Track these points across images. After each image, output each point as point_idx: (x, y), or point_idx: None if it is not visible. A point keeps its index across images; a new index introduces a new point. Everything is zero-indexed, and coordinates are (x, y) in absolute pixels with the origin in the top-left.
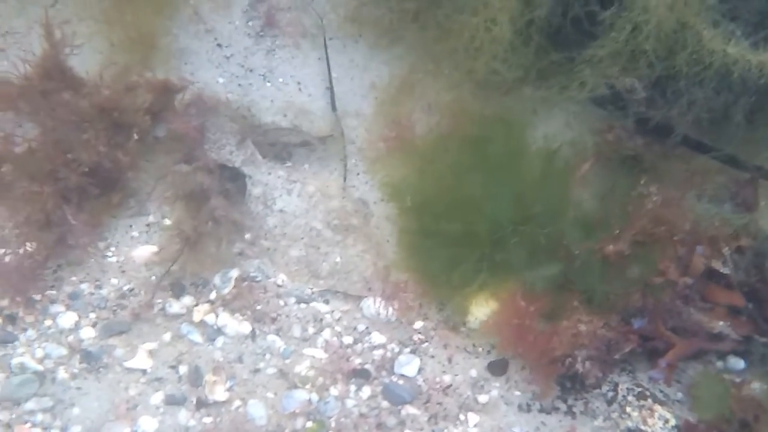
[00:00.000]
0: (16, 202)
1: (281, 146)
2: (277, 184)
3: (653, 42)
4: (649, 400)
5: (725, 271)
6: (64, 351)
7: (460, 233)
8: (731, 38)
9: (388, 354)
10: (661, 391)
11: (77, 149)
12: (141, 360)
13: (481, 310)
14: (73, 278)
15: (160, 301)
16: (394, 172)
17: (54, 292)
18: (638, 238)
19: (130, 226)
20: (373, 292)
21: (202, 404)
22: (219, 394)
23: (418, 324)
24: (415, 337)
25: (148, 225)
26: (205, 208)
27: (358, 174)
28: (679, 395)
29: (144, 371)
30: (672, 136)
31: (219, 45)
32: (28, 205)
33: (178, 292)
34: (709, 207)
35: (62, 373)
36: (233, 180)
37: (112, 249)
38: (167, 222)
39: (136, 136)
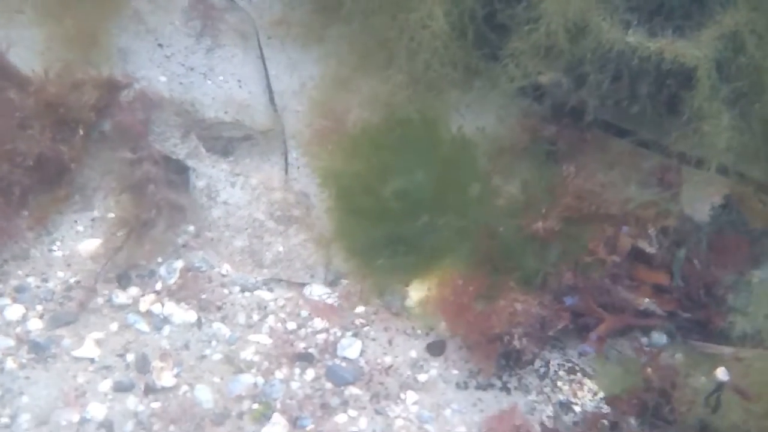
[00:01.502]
0: None
1: (225, 140)
2: (220, 177)
3: (562, 34)
4: (579, 375)
5: (651, 250)
6: (11, 342)
7: (386, 217)
8: (629, 28)
9: (331, 338)
10: (590, 366)
11: (20, 144)
12: (89, 349)
13: (418, 294)
14: (19, 272)
15: (106, 292)
16: (329, 160)
17: (0, 285)
18: (565, 214)
19: (75, 221)
20: (315, 279)
21: (150, 390)
22: (166, 380)
23: (360, 309)
24: (357, 322)
25: (93, 219)
26: (148, 195)
27: (298, 167)
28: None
29: (92, 360)
30: (584, 120)
31: (160, 45)
32: None
33: (124, 283)
34: (636, 189)
35: (10, 364)
36: (178, 172)
37: (58, 243)
38: (111, 216)
39: (81, 132)
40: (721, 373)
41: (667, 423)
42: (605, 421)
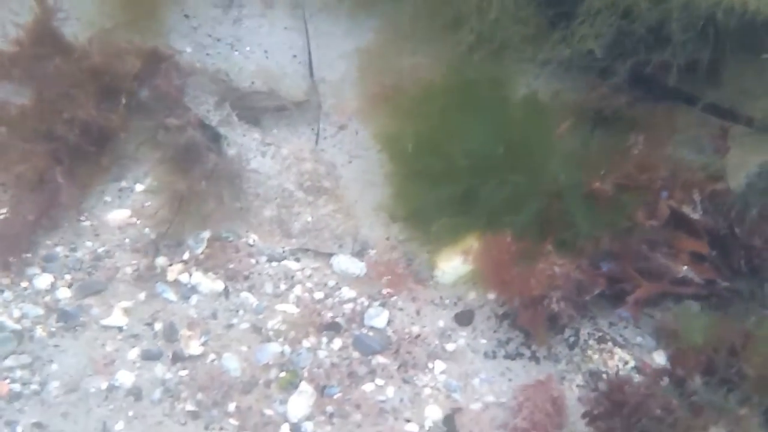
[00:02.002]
0: (9, 163)
1: (259, 110)
2: (251, 146)
3: None
4: (609, 344)
5: (695, 216)
6: (41, 311)
7: (446, 176)
8: None
9: (358, 308)
10: (621, 335)
11: (71, 110)
12: (117, 318)
13: (450, 264)
14: (48, 242)
15: (134, 262)
16: (388, 124)
17: (29, 255)
18: (621, 181)
19: (102, 191)
20: (343, 249)
21: (177, 358)
22: (194, 348)
23: (387, 279)
24: (384, 291)
25: (120, 190)
26: (197, 165)
27: (325, 138)
28: (639, 339)
29: (120, 328)
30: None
31: (186, 16)
32: (21, 166)
33: (152, 252)
34: (688, 153)
35: (40, 332)
36: (214, 140)
37: (86, 214)
38: (139, 187)
39: (123, 101)
40: None
41: (734, 382)
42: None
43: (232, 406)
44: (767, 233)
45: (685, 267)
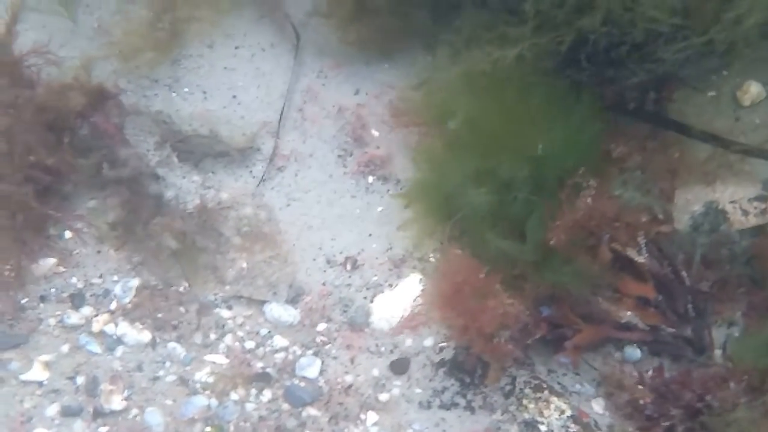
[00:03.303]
0: None
1: (200, 155)
2: (190, 189)
3: None
4: (546, 392)
5: (640, 260)
6: None
7: None
8: None
9: (290, 357)
10: (559, 383)
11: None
12: (37, 372)
13: (387, 308)
14: None
15: (59, 312)
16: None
17: None
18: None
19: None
20: (277, 297)
21: (98, 414)
22: (116, 403)
23: (322, 326)
24: (318, 339)
25: (47, 237)
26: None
27: (264, 180)
28: (577, 387)
29: (40, 383)
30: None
31: (125, 57)
32: None
33: (77, 302)
34: (635, 195)
35: None
36: (153, 181)
37: (11, 262)
38: (68, 234)
39: (66, 140)
40: None
41: None
42: None
43: None
44: (713, 277)
45: (629, 312)
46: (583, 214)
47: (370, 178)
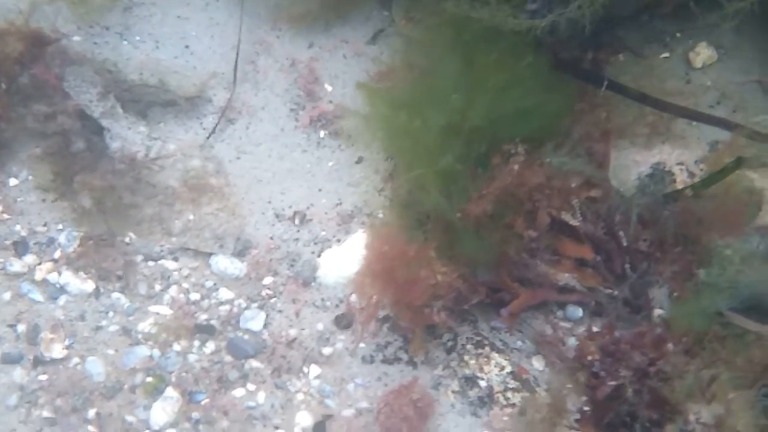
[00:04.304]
0: None
1: (146, 104)
2: (136, 140)
3: None
4: (487, 349)
5: (575, 223)
6: None
7: None
8: None
9: (235, 309)
10: (501, 340)
11: None
12: None
13: (334, 264)
14: None
15: (1, 260)
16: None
17: None
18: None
19: None
20: (224, 249)
21: (38, 362)
22: (57, 351)
23: (268, 280)
24: (264, 293)
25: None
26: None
27: (215, 133)
28: (519, 344)
29: None
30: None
31: (73, 2)
32: None
33: (21, 250)
34: (564, 160)
35: None
36: (97, 132)
37: None
38: (13, 181)
39: (3, 86)
40: None
41: None
42: None
43: (92, 413)
44: (652, 237)
45: (568, 274)
46: (511, 181)
47: (322, 133)
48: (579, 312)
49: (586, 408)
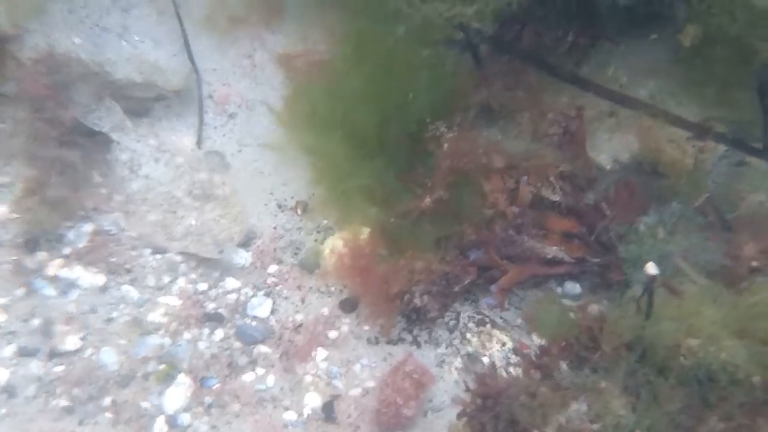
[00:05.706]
0: None
1: (137, 101)
2: (145, 152)
3: None
4: (488, 326)
5: (555, 198)
6: None
7: None
8: None
9: (242, 297)
10: (501, 318)
11: None
12: None
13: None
14: None
15: (15, 258)
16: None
17: None
18: (450, 179)
19: None
20: (223, 254)
21: (54, 354)
22: (71, 343)
23: (273, 268)
24: (269, 281)
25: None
26: (49, 159)
27: (215, 127)
28: (519, 320)
29: None
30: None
31: (70, 10)
32: None
33: (32, 247)
34: (517, 143)
35: None
36: (89, 135)
37: None
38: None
39: None
40: (651, 268)
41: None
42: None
43: (107, 400)
44: (625, 199)
45: (555, 247)
46: (450, 159)
47: None
48: (577, 287)
49: None
